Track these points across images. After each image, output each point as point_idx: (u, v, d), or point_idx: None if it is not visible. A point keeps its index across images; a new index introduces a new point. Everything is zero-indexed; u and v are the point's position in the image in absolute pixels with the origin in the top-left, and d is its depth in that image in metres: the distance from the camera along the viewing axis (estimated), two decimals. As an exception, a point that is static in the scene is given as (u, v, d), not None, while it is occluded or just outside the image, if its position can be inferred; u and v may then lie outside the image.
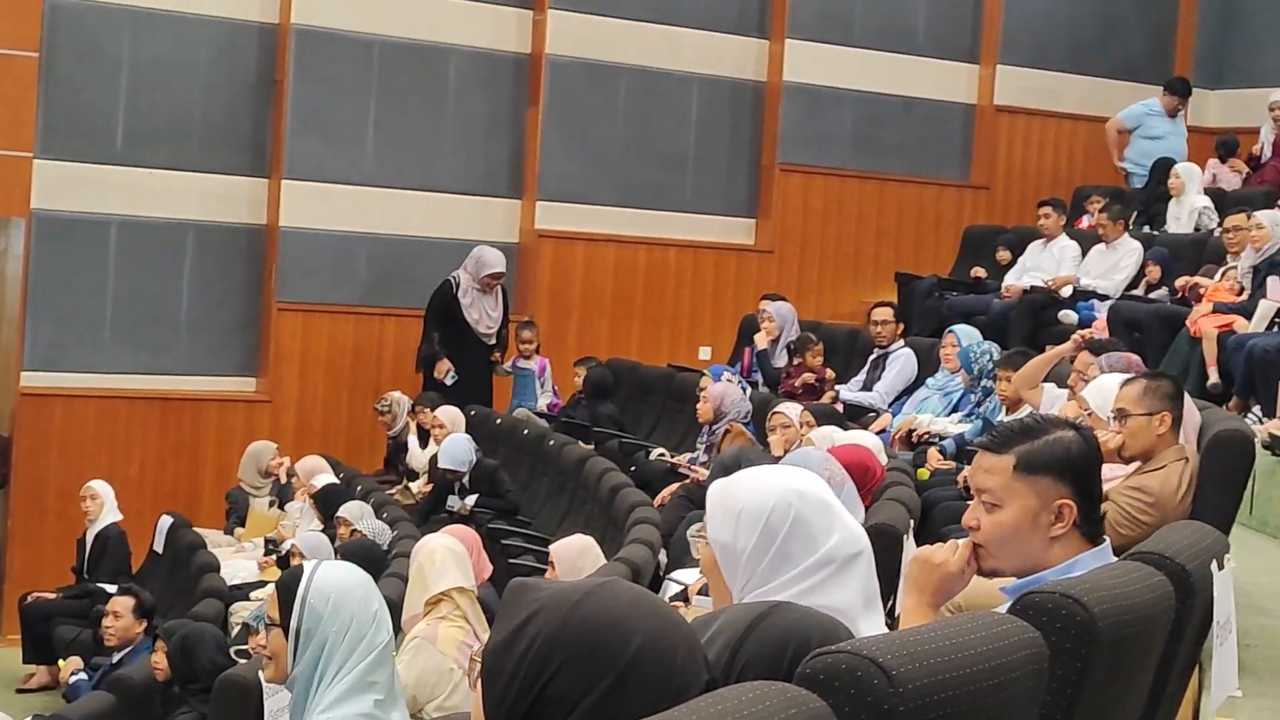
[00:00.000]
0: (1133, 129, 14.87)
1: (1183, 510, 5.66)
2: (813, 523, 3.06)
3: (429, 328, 13.25)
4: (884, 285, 14.70)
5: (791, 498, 3.07)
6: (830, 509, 3.09)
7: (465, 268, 13.29)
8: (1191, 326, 10.78)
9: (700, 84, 14.88)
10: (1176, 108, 14.77)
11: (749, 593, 3.03)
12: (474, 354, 13.30)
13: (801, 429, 8.81)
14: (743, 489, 3.11)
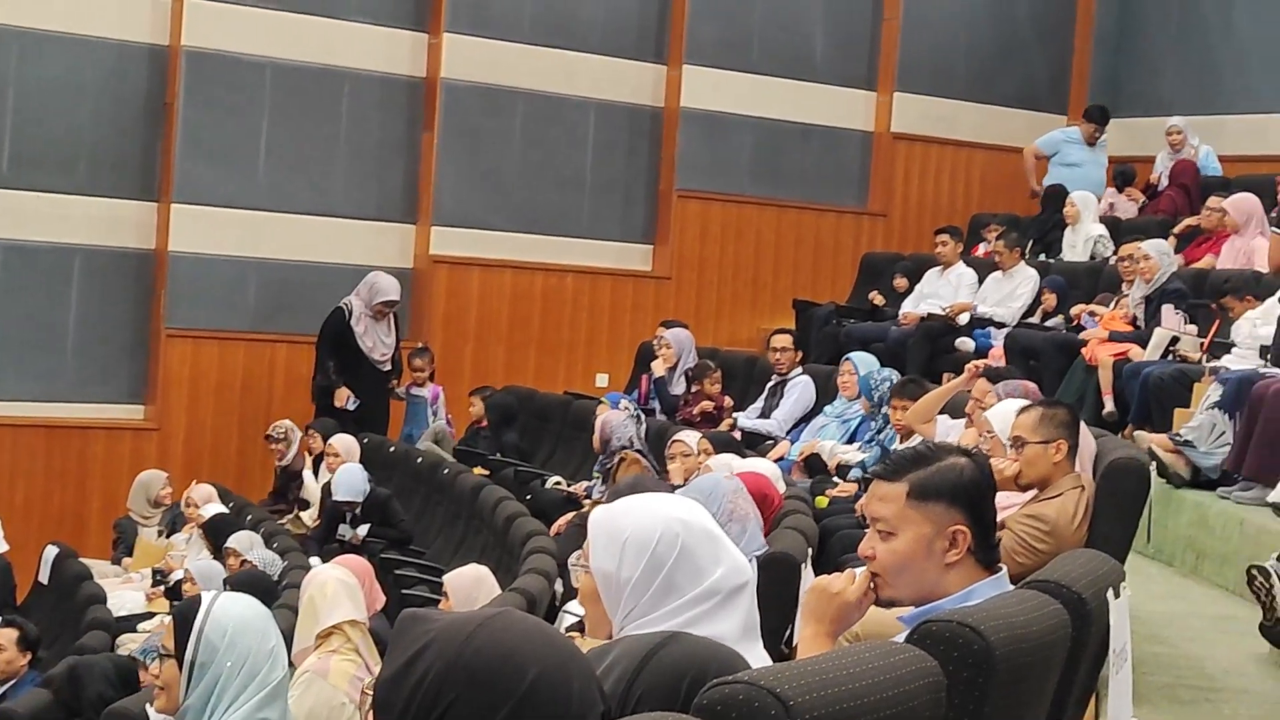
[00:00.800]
0: (1050, 156, 15.03)
1: (1079, 538, 5.71)
2: (699, 553, 3.02)
3: (323, 356, 13.13)
4: (782, 312, 14.76)
5: (678, 528, 3.03)
6: (716, 539, 3.06)
7: (358, 294, 13.20)
8: (1087, 355, 10.91)
9: (598, 109, 14.91)
10: (1094, 135, 14.94)
11: (630, 623, 2.99)
12: (369, 381, 13.21)
13: (700, 457, 8.82)
14: (628, 518, 3.06)
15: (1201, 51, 16.19)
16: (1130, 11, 16.89)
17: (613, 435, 10.34)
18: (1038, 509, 5.82)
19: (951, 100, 16.24)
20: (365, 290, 13.19)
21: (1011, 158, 16.03)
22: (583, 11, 14.75)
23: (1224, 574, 8.47)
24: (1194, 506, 8.91)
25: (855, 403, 10.67)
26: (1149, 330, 10.71)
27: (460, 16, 14.24)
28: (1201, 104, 15.79)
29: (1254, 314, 9.94)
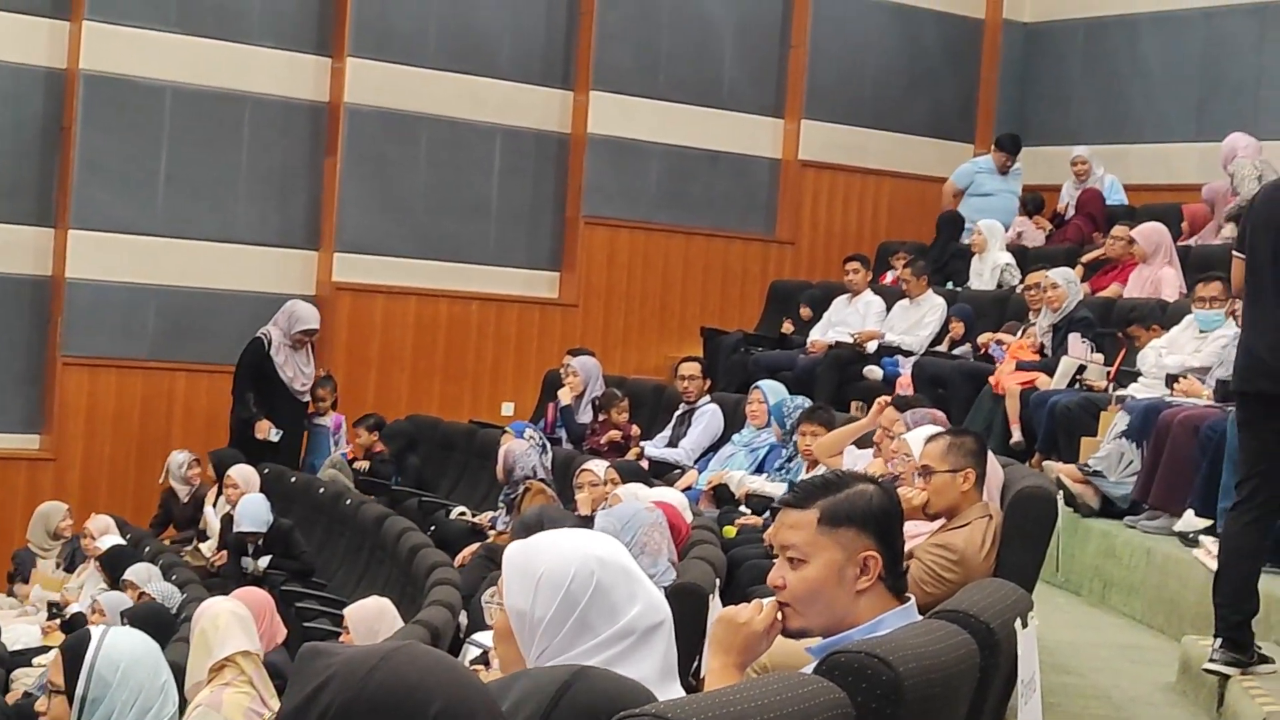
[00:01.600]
0: (964, 188, 15.15)
1: (987, 568, 5.75)
2: (614, 592, 2.97)
3: (242, 388, 12.96)
4: (690, 340, 14.79)
5: (593, 565, 2.97)
6: (632, 576, 3.02)
7: (276, 323, 13.06)
8: (994, 383, 10.99)
9: (504, 135, 14.89)
10: (1006, 164, 15.07)
11: (544, 662, 2.95)
12: (289, 412, 13.06)
13: (607, 486, 8.81)
14: (542, 554, 3.01)
15: (1108, 81, 16.40)
16: (1037, 41, 17.08)
17: (516, 465, 10.32)
18: (946, 538, 5.85)
19: (859, 128, 16.34)
20: (284, 319, 13.07)
21: (919, 185, 16.15)
22: (489, 36, 14.74)
23: (1131, 604, 8.55)
24: (1101, 536, 8.99)
25: (764, 431, 10.69)
26: (1056, 359, 10.81)
27: (364, 41, 14.20)
28: (1108, 133, 15.99)
29: (1159, 343, 10.05)
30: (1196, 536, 8.09)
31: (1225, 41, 15.53)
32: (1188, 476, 8.46)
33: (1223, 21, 15.53)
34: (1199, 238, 13.20)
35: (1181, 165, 15.31)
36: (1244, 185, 12.50)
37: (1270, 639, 7.00)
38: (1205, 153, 14.31)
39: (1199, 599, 7.71)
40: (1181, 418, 8.67)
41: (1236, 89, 15.35)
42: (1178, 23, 15.84)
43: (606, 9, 15.07)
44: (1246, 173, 12.52)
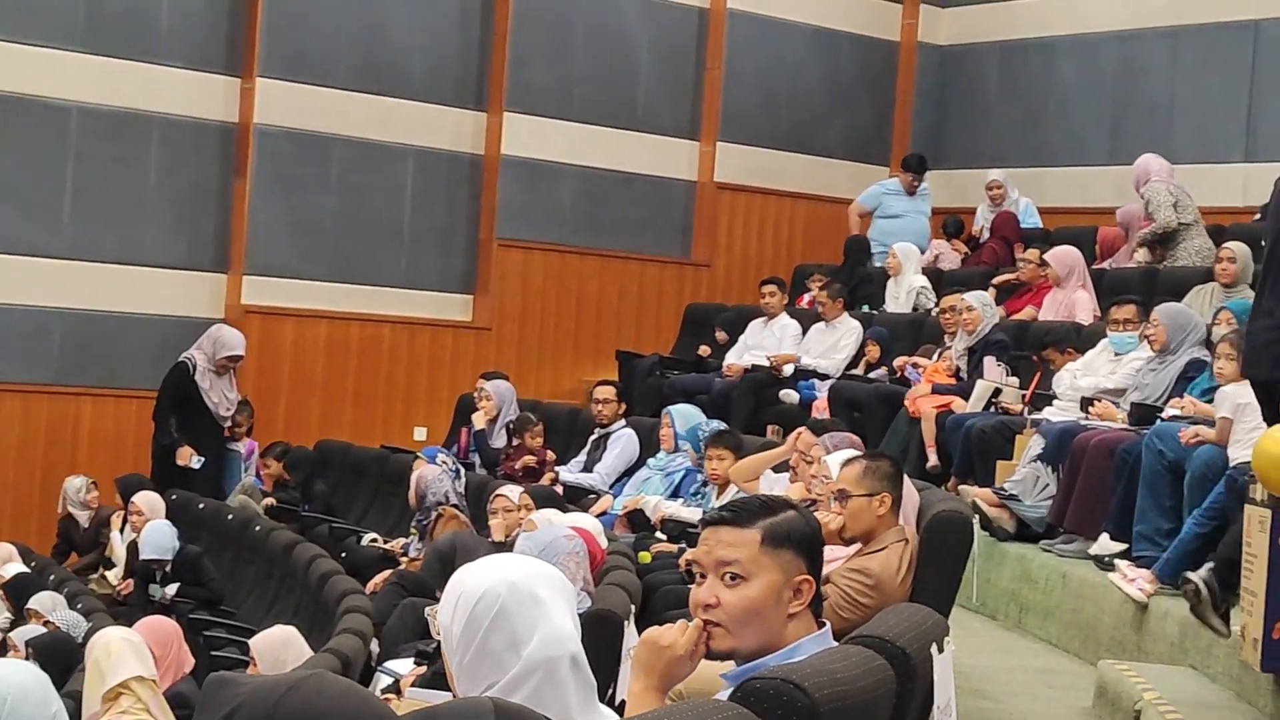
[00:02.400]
0: (872, 210, 15.22)
1: (903, 592, 5.77)
2: (516, 619, 2.97)
3: (164, 414, 12.80)
4: (605, 363, 14.80)
5: (502, 589, 2.99)
6: (540, 605, 3.01)
7: (200, 348, 12.90)
8: (910, 407, 11.05)
9: (416, 156, 14.86)
10: (913, 184, 15.17)
11: (461, 684, 2.98)
12: (211, 438, 12.92)
13: (521, 512, 8.79)
14: (470, 572, 3.06)
15: (1024, 104, 16.56)
16: (952, 63, 17.23)
17: (428, 490, 10.28)
18: (862, 563, 5.87)
19: (775, 150, 16.42)
20: (208, 344, 12.91)
21: (835, 208, 16.24)
22: (401, 56, 14.71)
23: (1047, 628, 8.61)
24: (1017, 560, 9.05)
25: (679, 455, 10.71)
26: (971, 382, 10.88)
27: (274, 61, 14.13)
28: (1024, 156, 16.15)
29: (1075, 366, 10.14)
30: (1112, 560, 8.17)
31: (1139, 65, 15.72)
32: (1103, 500, 8.54)
33: (1136, 45, 15.72)
34: (1113, 261, 13.32)
35: (1097, 188, 15.47)
36: (1160, 212, 12.62)
37: (1186, 663, 7.07)
38: (1120, 176, 14.46)
39: (1115, 623, 7.78)
40: (1096, 441, 8.75)
41: (1150, 112, 15.53)
42: (1092, 46, 16.02)
43: (520, 30, 15.07)
44: (1162, 199, 12.65)
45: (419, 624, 8.19)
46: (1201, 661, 6.93)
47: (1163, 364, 9.22)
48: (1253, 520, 6.12)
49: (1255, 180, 14.26)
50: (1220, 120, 15.00)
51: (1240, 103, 14.88)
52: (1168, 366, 9.17)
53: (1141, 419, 8.79)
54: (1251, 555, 6.10)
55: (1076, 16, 16.13)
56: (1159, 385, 9.11)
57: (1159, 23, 15.51)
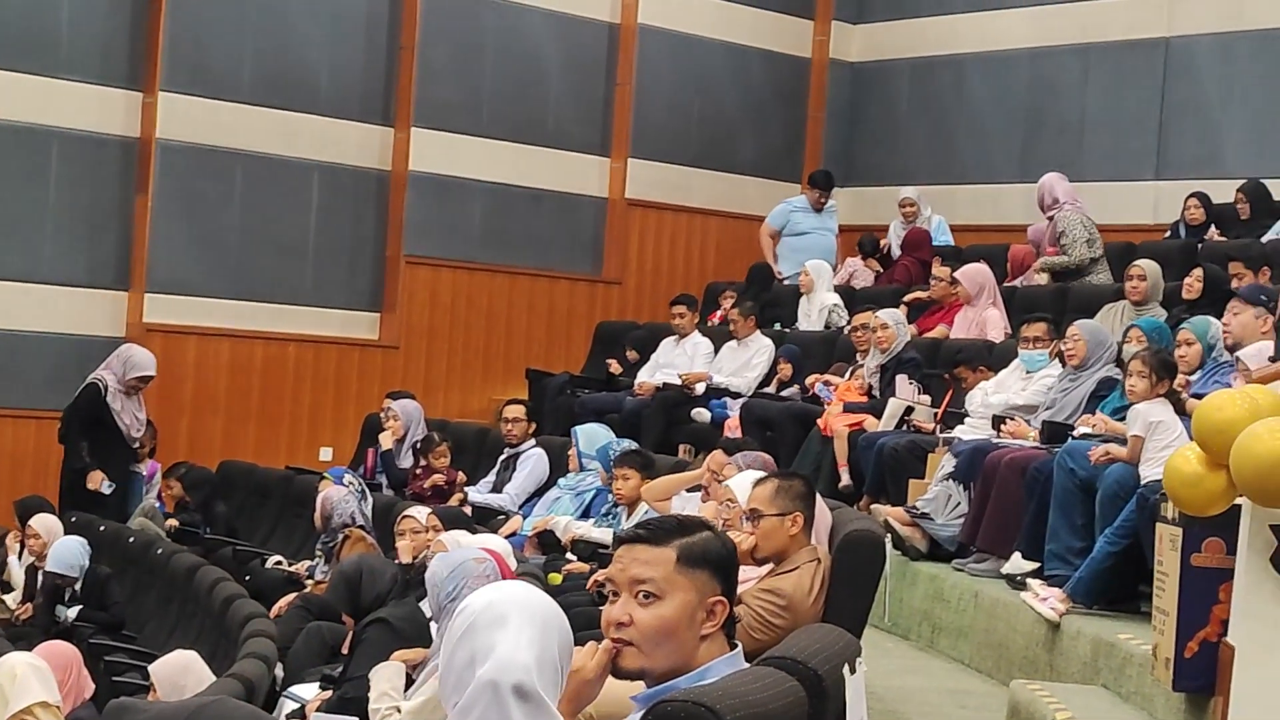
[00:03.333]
0: (781, 229, 15.25)
1: (815, 612, 5.79)
2: (479, 636, 3.09)
3: (75, 437, 12.51)
4: (515, 382, 14.77)
5: (479, 607, 3.13)
6: (504, 628, 3.11)
7: (109, 369, 12.68)
8: (823, 425, 11.10)
9: (322, 171, 14.79)
10: (820, 201, 15.21)
11: (443, 702, 3.10)
12: (122, 461, 12.72)
13: (429, 534, 8.75)
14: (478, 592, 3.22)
15: (936, 121, 16.69)
16: (864, 80, 17.34)
17: (334, 512, 10.23)
18: (774, 583, 5.89)
19: (686, 167, 16.47)
20: (118, 364, 12.68)
21: (747, 225, 16.29)
22: (305, 71, 14.65)
23: (960, 647, 8.66)
24: (930, 579, 9.10)
25: (589, 475, 10.70)
26: (884, 400, 10.94)
27: (177, 75, 14.03)
28: (936, 173, 16.27)
29: (987, 384, 10.21)
30: (1024, 579, 8.22)
31: (1050, 82, 15.88)
32: (1015, 518, 8.59)
33: (1047, 62, 15.87)
34: (1024, 278, 13.43)
35: (1008, 205, 15.61)
36: (1075, 249, 12.72)
37: (1098, 682, 7.13)
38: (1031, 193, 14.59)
39: (1027, 642, 7.83)
40: (1008, 459, 8.81)
41: (1061, 129, 15.70)
42: (1003, 63, 16.17)
43: (428, 44, 15.04)
44: (1078, 234, 12.76)
45: (324, 648, 8.14)
46: (1114, 681, 6.99)
47: (1075, 382, 9.30)
48: (1164, 539, 6.18)
49: (1165, 198, 14.46)
50: (1131, 138, 15.17)
51: (1151, 120, 15.05)
52: (1080, 384, 9.25)
53: (1053, 437, 8.85)
54: (1163, 574, 6.16)
55: (988, 34, 16.28)
56: (1071, 403, 9.19)
57: (1070, 40, 15.68)
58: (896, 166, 16.65)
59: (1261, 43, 14.36)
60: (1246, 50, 14.51)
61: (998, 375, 10.27)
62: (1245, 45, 14.50)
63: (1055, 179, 13.32)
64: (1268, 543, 5.28)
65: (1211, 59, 14.74)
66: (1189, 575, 5.94)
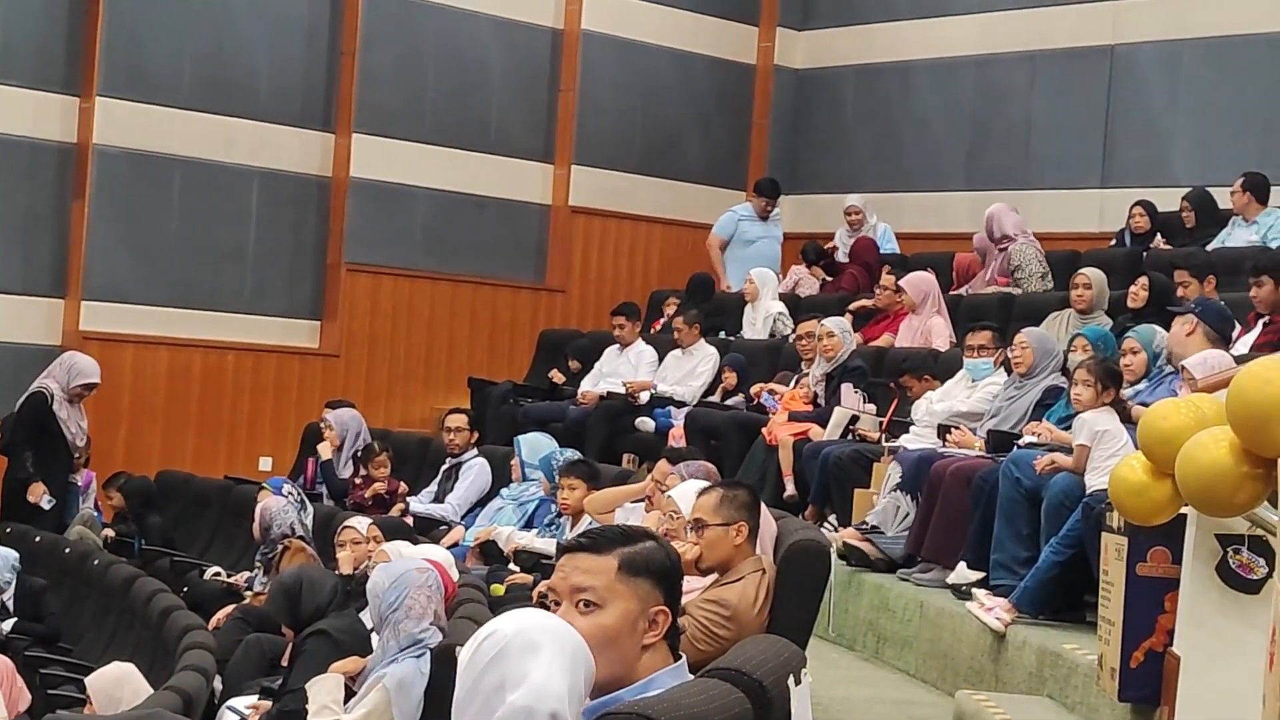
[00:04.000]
0: (729, 238, 15.25)
1: (760, 623, 5.79)
2: (511, 661, 3.09)
3: (20, 446, 12.32)
4: (457, 391, 14.74)
5: (509, 631, 3.13)
6: (538, 655, 3.11)
7: (53, 377, 12.52)
8: (767, 435, 11.11)
9: (261, 178, 14.73)
10: (766, 209, 15.23)
11: None
12: (62, 470, 12.57)
13: (370, 544, 8.73)
14: (499, 616, 3.22)
15: (881, 128, 16.73)
16: (809, 87, 17.37)
17: (273, 522, 10.18)
18: (718, 593, 5.89)
19: (631, 174, 16.46)
20: (60, 372, 12.51)
21: (692, 232, 16.31)
22: (245, 76, 14.59)
23: (905, 658, 8.68)
24: (875, 589, 9.12)
25: (532, 485, 10.69)
26: (829, 409, 10.96)
27: (114, 79, 13.96)
28: (882, 181, 16.30)
29: (934, 394, 10.24)
30: (970, 589, 8.24)
31: (996, 89, 15.94)
32: (960, 528, 8.61)
33: (993, 69, 15.94)
34: (969, 287, 13.49)
35: (954, 213, 15.66)
36: (1030, 283, 12.74)
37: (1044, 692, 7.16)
38: (977, 201, 14.66)
39: (972, 652, 7.86)
40: (954, 469, 8.84)
41: (1008, 137, 15.76)
42: (949, 70, 16.22)
43: (369, 49, 15.01)
44: (1033, 269, 12.79)
45: (263, 660, 8.11)
46: (1059, 691, 7.02)
47: (1020, 390, 9.34)
48: (1109, 548, 6.21)
49: (1111, 206, 14.53)
50: (1076, 145, 15.24)
51: (1096, 128, 15.13)
52: (1025, 393, 9.29)
53: (998, 446, 8.89)
54: (1108, 584, 6.19)
55: (934, 40, 16.32)
56: (1016, 412, 9.23)
57: (1016, 47, 15.75)
58: (842, 174, 16.69)
59: (1206, 51, 14.45)
60: (1192, 58, 14.60)
61: (944, 384, 10.31)
62: (1190, 53, 14.60)
63: (1003, 211, 13.29)
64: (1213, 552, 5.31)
65: (1157, 67, 14.83)
66: (1134, 585, 5.97)
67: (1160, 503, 5.31)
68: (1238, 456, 4.56)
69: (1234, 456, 4.57)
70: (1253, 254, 11.06)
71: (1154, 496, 5.30)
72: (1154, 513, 5.40)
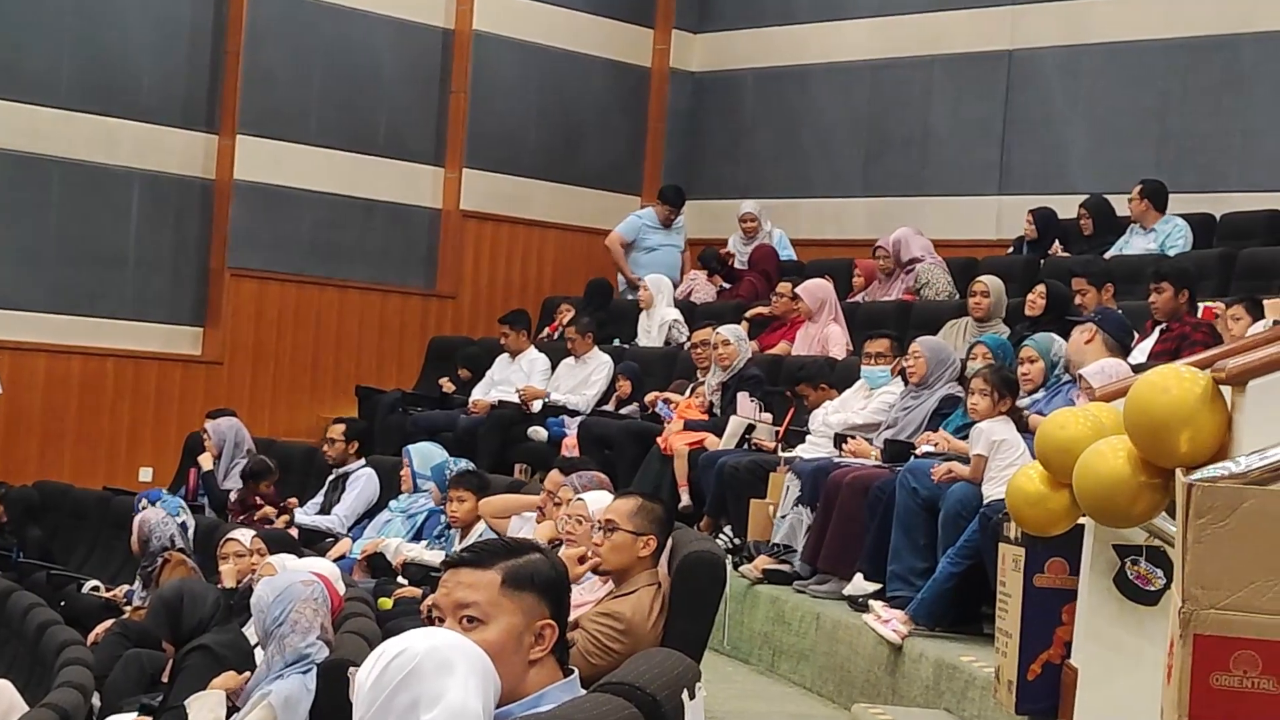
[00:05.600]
0: (632, 241, 15.25)
1: (654, 636, 5.80)
2: (425, 680, 3.10)
3: None
4: (344, 400, 14.67)
5: (420, 649, 3.14)
6: (453, 675, 3.13)
7: None
8: (662, 444, 11.12)
9: (143, 180, 14.59)
10: (670, 217, 15.22)
11: None
12: None
13: (253, 557, 8.67)
14: (402, 634, 3.23)
15: (779, 134, 16.77)
16: (706, 92, 17.41)
17: (152, 535, 10.10)
18: (612, 606, 5.89)
19: (523, 178, 16.43)
20: None
21: (585, 238, 16.32)
22: (127, 76, 14.44)
23: (801, 671, 8.71)
24: (770, 602, 9.14)
25: (422, 496, 10.65)
26: (725, 418, 10.98)
27: (-10, 77, 13.82)
28: (779, 187, 16.36)
29: (831, 403, 10.29)
30: (866, 600, 8.29)
31: (894, 95, 16.02)
32: (857, 539, 8.66)
33: (890, 74, 16.02)
34: (867, 294, 13.56)
35: (851, 220, 15.75)
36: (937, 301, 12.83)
37: (940, 705, 7.20)
38: (874, 207, 14.76)
39: (869, 665, 7.90)
40: (850, 479, 8.88)
41: (905, 143, 15.85)
42: (847, 75, 16.29)
43: (255, 49, 14.89)
44: (941, 288, 12.86)
45: (143, 675, 8.03)
46: (956, 704, 7.06)
47: (917, 399, 9.41)
48: (1007, 559, 6.26)
49: (1008, 213, 14.66)
50: (974, 152, 15.35)
51: (994, 134, 15.25)
52: (922, 402, 9.36)
53: (895, 456, 8.95)
54: (1006, 595, 6.24)
55: (832, 44, 16.39)
56: (913, 421, 9.29)
57: (913, 52, 15.84)
58: (739, 179, 16.73)
59: (1105, 56, 14.59)
60: (1090, 64, 14.74)
61: (842, 394, 10.35)
62: (1089, 59, 14.74)
63: (910, 235, 13.39)
64: (1111, 563, 5.36)
65: (1055, 72, 14.96)
66: (1032, 596, 6.02)
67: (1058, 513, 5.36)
68: (1135, 466, 4.61)
69: (1132, 466, 4.62)
70: (1151, 261, 11.19)
71: (1051, 507, 5.34)
72: (1051, 523, 5.44)
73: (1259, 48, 13.69)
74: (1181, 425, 4.39)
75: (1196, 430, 4.39)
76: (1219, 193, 13.38)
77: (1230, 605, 3.54)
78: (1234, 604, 3.54)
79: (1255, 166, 13.49)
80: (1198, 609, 3.54)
